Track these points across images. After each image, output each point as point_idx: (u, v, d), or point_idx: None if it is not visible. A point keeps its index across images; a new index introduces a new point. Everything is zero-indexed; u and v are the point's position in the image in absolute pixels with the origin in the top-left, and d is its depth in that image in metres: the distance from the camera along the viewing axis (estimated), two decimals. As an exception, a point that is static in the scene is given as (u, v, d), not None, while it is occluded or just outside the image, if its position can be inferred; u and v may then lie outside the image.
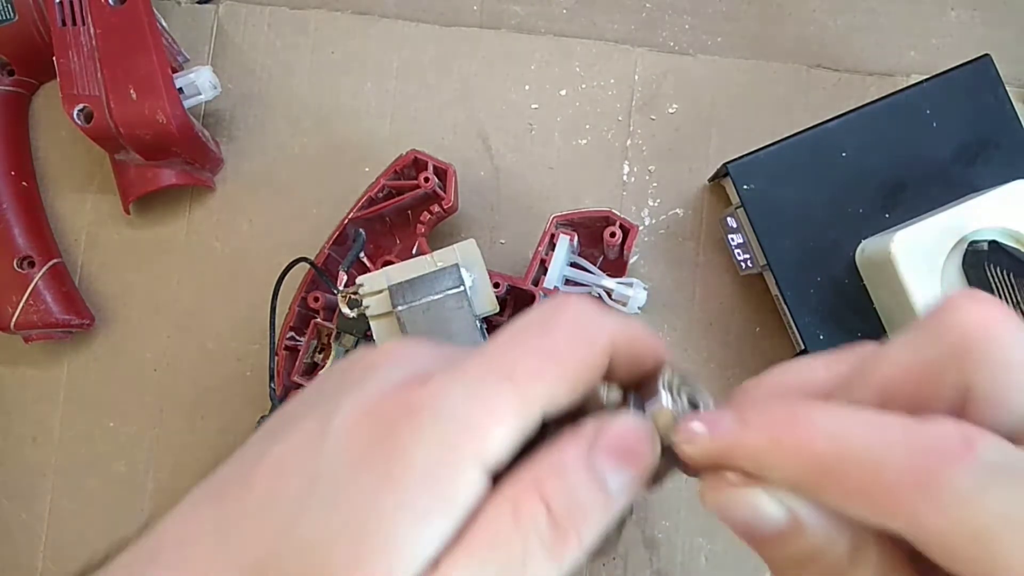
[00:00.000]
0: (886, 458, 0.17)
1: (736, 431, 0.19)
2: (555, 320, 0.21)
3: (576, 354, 0.21)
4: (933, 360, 0.18)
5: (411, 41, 0.51)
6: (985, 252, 0.36)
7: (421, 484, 0.19)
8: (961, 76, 0.43)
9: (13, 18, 0.47)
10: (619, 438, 0.21)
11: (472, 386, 0.20)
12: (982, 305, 0.18)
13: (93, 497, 0.50)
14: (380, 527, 0.18)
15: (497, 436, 0.20)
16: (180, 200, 0.51)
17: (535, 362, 0.21)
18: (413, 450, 0.19)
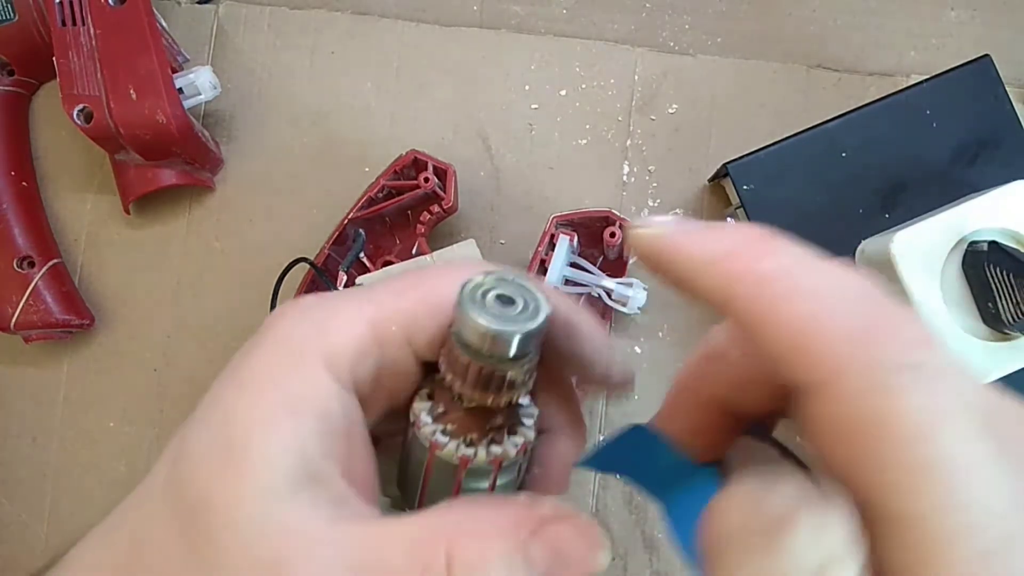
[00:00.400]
0: (833, 308, 0.16)
1: (692, 233, 0.19)
2: (427, 271, 0.22)
3: (435, 289, 0.21)
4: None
5: (411, 41, 0.51)
6: (985, 252, 0.36)
7: (265, 385, 0.19)
8: (961, 76, 0.43)
9: (13, 18, 0.47)
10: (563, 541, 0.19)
11: (324, 299, 0.21)
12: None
13: (93, 497, 0.50)
14: (237, 432, 0.19)
15: (339, 333, 0.20)
16: (180, 200, 0.51)
17: (393, 289, 0.21)
18: (258, 354, 0.20)
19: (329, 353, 0.20)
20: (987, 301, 0.36)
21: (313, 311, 0.21)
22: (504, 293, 0.21)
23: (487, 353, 0.20)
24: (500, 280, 0.21)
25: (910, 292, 0.37)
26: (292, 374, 0.20)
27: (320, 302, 0.21)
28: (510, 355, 0.20)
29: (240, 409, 0.19)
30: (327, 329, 0.20)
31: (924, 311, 0.37)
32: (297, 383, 0.19)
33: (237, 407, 0.19)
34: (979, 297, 0.37)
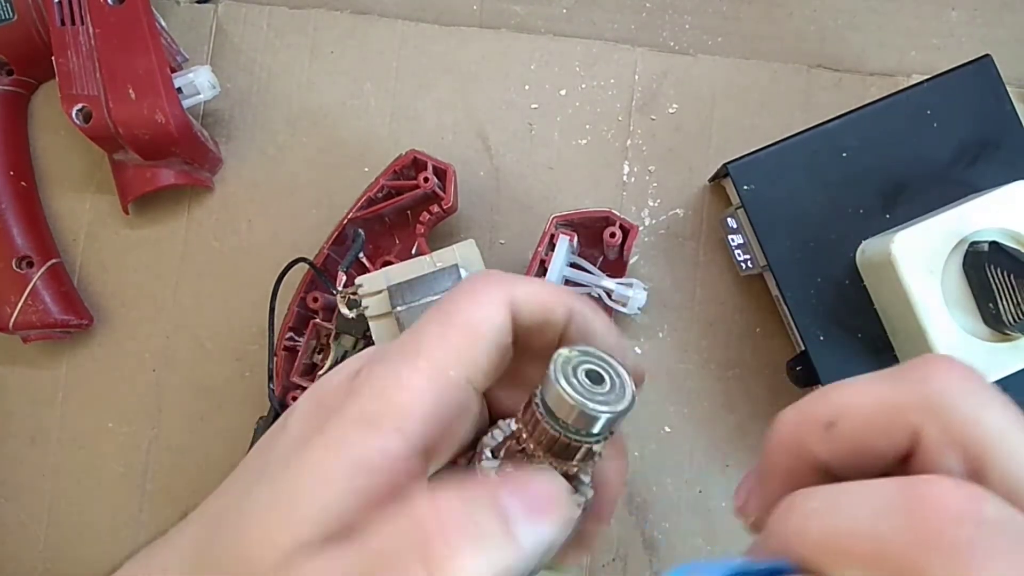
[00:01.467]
0: (885, 525, 0.17)
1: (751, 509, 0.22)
2: (451, 295, 0.23)
3: (472, 315, 0.22)
4: (901, 403, 0.20)
5: (411, 41, 0.51)
6: (985, 253, 0.36)
7: (330, 451, 0.21)
8: (961, 76, 0.43)
9: (12, 18, 0.47)
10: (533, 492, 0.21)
11: (387, 364, 0.22)
12: (951, 363, 0.20)
13: (92, 497, 0.50)
14: (289, 491, 0.20)
15: (407, 403, 0.21)
16: (179, 200, 0.51)
17: (436, 330, 0.22)
18: (333, 424, 0.21)
19: (402, 424, 0.21)
20: (988, 302, 0.36)
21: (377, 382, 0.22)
22: (594, 369, 0.22)
23: (574, 428, 0.21)
24: (587, 354, 0.22)
25: (910, 292, 0.37)
26: (360, 441, 0.21)
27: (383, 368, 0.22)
28: (595, 431, 0.21)
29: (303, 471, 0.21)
30: (394, 400, 0.21)
31: (924, 312, 0.37)
32: (361, 451, 0.21)
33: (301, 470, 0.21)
34: (980, 298, 0.37)
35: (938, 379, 0.20)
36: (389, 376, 0.22)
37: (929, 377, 0.20)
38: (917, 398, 0.19)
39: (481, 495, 0.20)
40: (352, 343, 0.44)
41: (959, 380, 0.19)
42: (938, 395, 0.19)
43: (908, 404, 0.19)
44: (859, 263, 0.42)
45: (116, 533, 0.49)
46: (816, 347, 0.43)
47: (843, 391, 0.21)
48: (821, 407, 0.21)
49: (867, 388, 0.20)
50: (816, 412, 0.21)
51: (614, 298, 0.46)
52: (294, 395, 0.45)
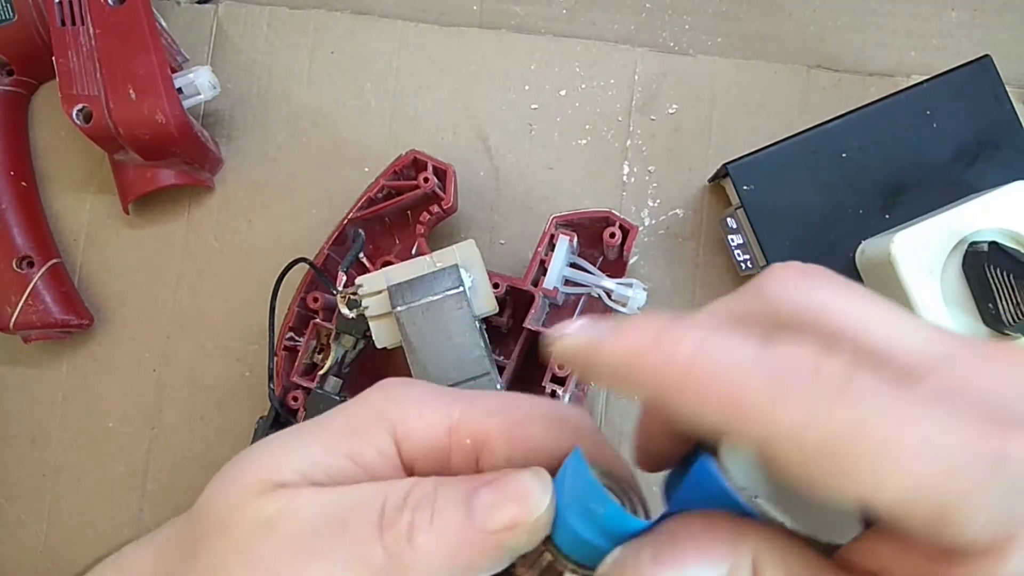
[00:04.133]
0: (746, 374, 0.17)
1: (605, 337, 0.19)
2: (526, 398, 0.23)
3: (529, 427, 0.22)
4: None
5: (411, 41, 0.51)
6: (985, 253, 0.36)
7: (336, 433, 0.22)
8: (961, 76, 0.43)
9: (12, 18, 0.47)
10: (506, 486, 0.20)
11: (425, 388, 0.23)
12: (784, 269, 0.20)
13: (93, 497, 0.50)
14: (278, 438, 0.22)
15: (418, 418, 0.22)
16: (179, 200, 0.51)
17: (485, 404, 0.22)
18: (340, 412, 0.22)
19: (402, 432, 0.21)
20: (987, 302, 0.36)
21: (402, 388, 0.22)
22: (606, 484, 0.21)
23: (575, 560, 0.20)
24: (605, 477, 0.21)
25: (910, 293, 0.37)
26: (361, 432, 0.21)
27: (412, 386, 0.23)
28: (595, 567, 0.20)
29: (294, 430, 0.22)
30: (408, 411, 0.22)
31: (924, 312, 0.37)
32: (362, 441, 0.21)
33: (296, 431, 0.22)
34: (979, 298, 0.37)
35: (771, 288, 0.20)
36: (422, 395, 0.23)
37: (764, 288, 0.20)
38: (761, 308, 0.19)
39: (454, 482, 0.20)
40: (352, 343, 0.44)
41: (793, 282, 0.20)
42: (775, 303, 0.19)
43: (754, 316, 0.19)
44: (859, 263, 0.42)
45: (116, 533, 0.49)
46: (816, 347, 0.43)
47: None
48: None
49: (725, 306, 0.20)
50: None
51: (614, 298, 0.46)
52: (294, 395, 0.45)
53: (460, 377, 0.39)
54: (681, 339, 0.18)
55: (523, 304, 0.44)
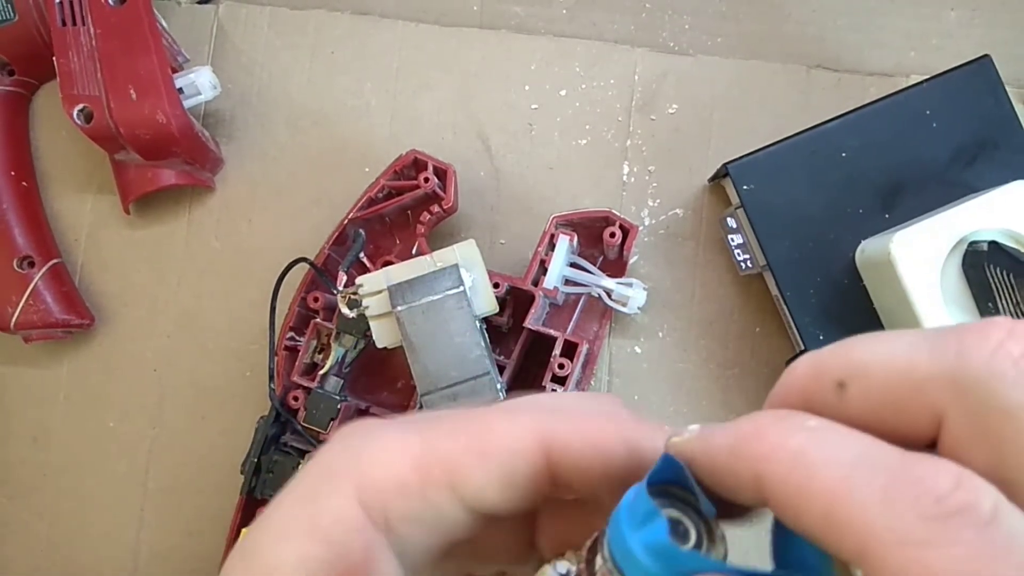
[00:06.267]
0: (861, 476, 0.15)
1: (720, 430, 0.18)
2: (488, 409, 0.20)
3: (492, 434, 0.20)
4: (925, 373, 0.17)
5: (411, 41, 0.51)
6: (985, 253, 0.36)
7: (293, 506, 0.20)
8: (961, 76, 0.43)
9: (13, 18, 0.47)
10: None
11: (373, 427, 0.20)
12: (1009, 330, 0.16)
13: (93, 497, 0.50)
14: (253, 547, 0.20)
15: (377, 465, 0.19)
16: (180, 200, 0.51)
17: (448, 425, 0.20)
18: (299, 478, 0.20)
19: (362, 485, 0.20)
20: (987, 301, 0.36)
21: (355, 438, 0.21)
22: (676, 517, 0.18)
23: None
24: (669, 496, 0.18)
25: (910, 292, 0.37)
26: (316, 500, 0.20)
27: (367, 430, 0.21)
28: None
29: (264, 526, 0.20)
30: (364, 459, 0.20)
31: (923, 311, 0.37)
32: (318, 509, 0.20)
33: (263, 524, 0.20)
34: (979, 297, 0.37)
35: (979, 350, 0.15)
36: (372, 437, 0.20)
37: (970, 346, 0.15)
38: (944, 370, 0.15)
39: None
40: (353, 343, 0.44)
41: (1005, 356, 0.15)
42: (972, 371, 0.15)
43: (933, 376, 0.15)
44: (858, 263, 0.42)
45: (118, 532, 0.49)
46: (815, 347, 0.43)
47: (868, 346, 0.17)
48: (838, 361, 0.17)
49: (896, 347, 0.16)
50: (831, 366, 0.17)
51: (614, 298, 0.46)
52: (295, 394, 0.45)
53: (460, 377, 0.39)
54: (796, 429, 0.16)
55: (523, 304, 0.44)
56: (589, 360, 0.48)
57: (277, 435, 0.45)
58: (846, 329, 0.43)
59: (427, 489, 0.20)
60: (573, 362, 0.43)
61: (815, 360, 0.18)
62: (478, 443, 0.20)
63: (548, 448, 0.19)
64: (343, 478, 0.20)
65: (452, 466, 0.19)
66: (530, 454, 0.19)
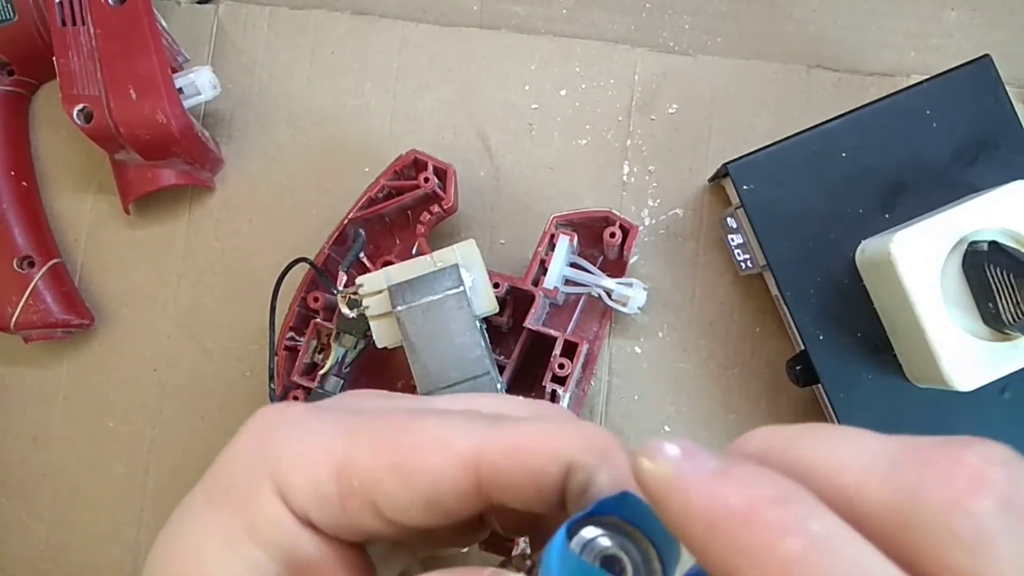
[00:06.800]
0: None
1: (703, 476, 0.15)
2: (419, 416, 0.19)
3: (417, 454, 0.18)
4: None
5: (411, 41, 0.51)
6: (985, 252, 0.36)
7: (224, 509, 0.20)
8: (961, 76, 0.43)
9: (13, 18, 0.47)
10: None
11: (302, 422, 0.20)
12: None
13: (93, 497, 0.50)
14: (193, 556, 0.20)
15: (297, 469, 0.19)
16: (180, 200, 0.51)
17: (374, 432, 0.19)
18: (216, 474, 0.20)
19: (282, 488, 0.19)
20: (987, 301, 0.36)
21: (276, 431, 0.20)
22: (612, 553, 0.17)
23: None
24: (606, 526, 0.17)
25: (910, 292, 0.37)
26: (248, 502, 0.19)
27: (288, 421, 0.20)
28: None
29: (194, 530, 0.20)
30: (284, 460, 0.19)
31: (923, 311, 0.37)
32: (254, 512, 0.19)
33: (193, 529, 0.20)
34: (979, 297, 0.37)
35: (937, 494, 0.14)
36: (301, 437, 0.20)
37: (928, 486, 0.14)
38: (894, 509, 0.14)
39: None
40: (353, 343, 0.44)
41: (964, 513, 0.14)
42: (924, 522, 0.14)
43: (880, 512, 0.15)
44: (858, 263, 0.42)
45: (117, 532, 0.49)
46: (815, 347, 0.43)
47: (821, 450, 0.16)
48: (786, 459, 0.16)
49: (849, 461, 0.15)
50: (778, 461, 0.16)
51: (614, 298, 0.46)
52: (295, 395, 0.45)
53: (460, 377, 0.39)
54: (794, 527, 0.14)
55: (523, 304, 0.44)
56: (589, 360, 0.48)
57: (277, 435, 0.45)
58: (846, 329, 0.43)
59: (347, 501, 0.19)
60: (573, 362, 0.43)
61: (766, 442, 0.17)
62: (402, 462, 0.18)
63: (476, 471, 0.18)
64: (267, 478, 0.19)
65: (372, 483, 0.18)
66: (457, 479, 0.18)
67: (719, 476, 0.15)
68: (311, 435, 0.19)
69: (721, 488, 0.14)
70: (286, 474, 0.19)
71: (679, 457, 0.15)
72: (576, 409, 0.47)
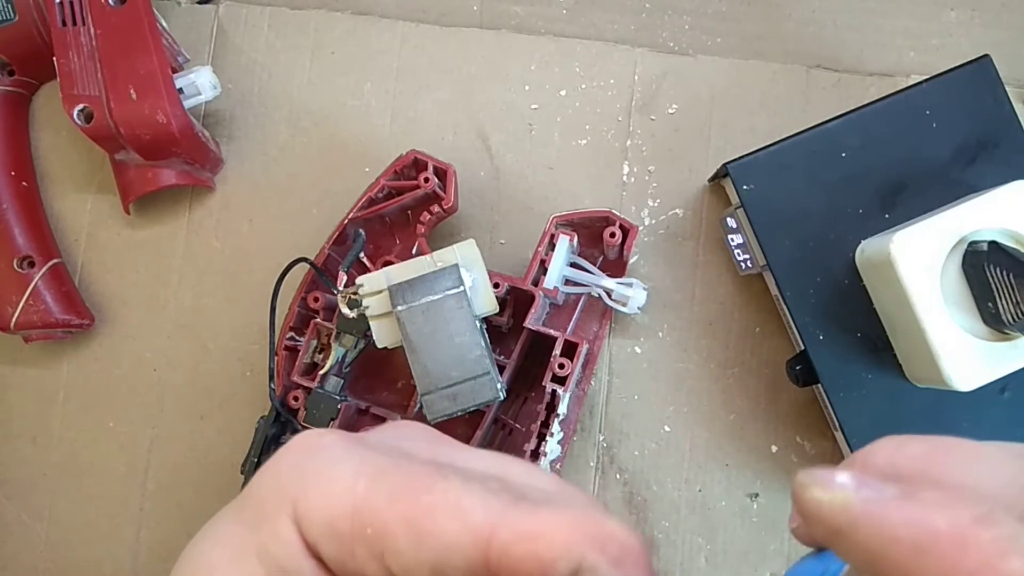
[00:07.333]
0: None
1: (886, 507, 0.15)
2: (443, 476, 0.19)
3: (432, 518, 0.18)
4: None
5: (411, 41, 0.51)
6: (985, 252, 0.36)
7: (243, 526, 0.20)
8: (961, 76, 0.43)
9: (13, 18, 0.47)
10: None
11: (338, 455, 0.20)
12: None
13: (93, 497, 0.50)
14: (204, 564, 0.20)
15: (318, 505, 0.19)
16: (180, 200, 0.51)
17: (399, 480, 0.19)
18: (252, 491, 0.20)
19: (301, 514, 0.19)
20: (987, 301, 0.36)
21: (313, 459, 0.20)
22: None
23: None
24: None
25: (910, 292, 0.37)
26: (265, 523, 0.19)
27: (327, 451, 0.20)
28: None
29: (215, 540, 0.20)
30: (311, 488, 0.19)
31: (923, 311, 0.37)
32: (267, 534, 0.19)
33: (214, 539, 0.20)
34: (979, 297, 0.37)
35: None
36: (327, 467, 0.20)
37: None
38: None
39: None
40: (353, 343, 0.44)
41: None
42: None
43: None
44: (858, 263, 0.42)
45: (117, 532, 0.49)
46: (815, 347, 0.43)
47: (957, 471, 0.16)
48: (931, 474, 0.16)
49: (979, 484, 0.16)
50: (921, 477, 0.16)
51: (614, 298, 0.46)
52: (295, 395, 0.45)
53: (460, 377, 0.39)
54: (1011, 547, 0.13)
55: (523, 304, 0.44)
56: (589, 360, 0.48)
57: (277, 435, 0.45)
58: (846, 329, 0.43)
59: (356, 545, 0.19)
60: (573, 362, 0.43)
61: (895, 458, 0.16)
62: (417, 520, 0.18)
63: (488, 547, 0.18)
64: (289, 502, 0.19)
65: (384, 534, 0.18)
66: (467, 549, 0.18)
67: (910, 500, 0.15)
68: (340, 467, 0.19)
69: (921, 511, 0.14)
70: (306, 503, 0.19)
71: (855, 485, 0.15)
72: (576, 409, 0.47)
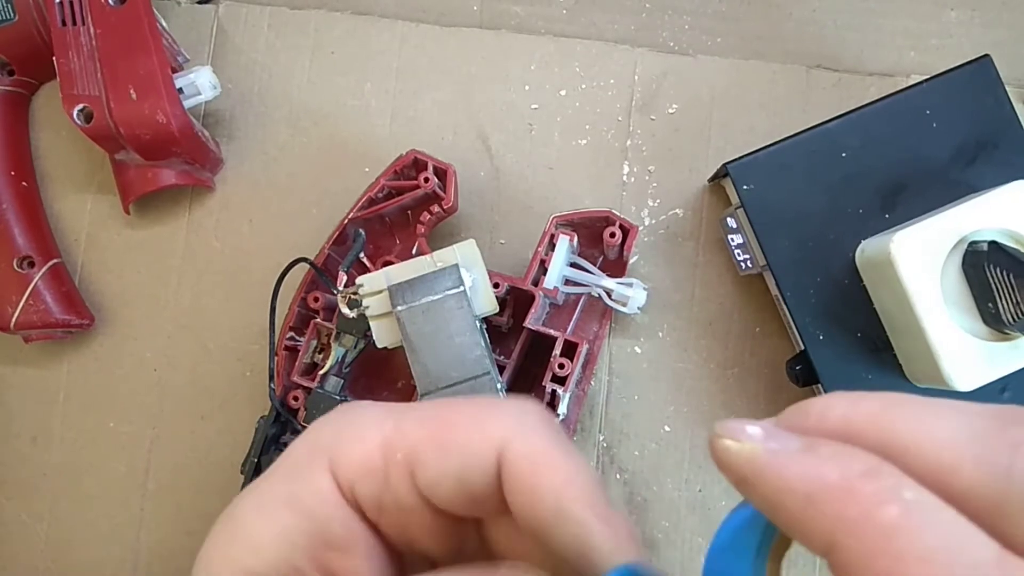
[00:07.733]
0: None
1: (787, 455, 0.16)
2: (457, 403, 0.21)
3: (454, 430, 0.20)
4: None
5: (411, 41, 0.51)
6: (985, 252, 0.36)
7: (279, 480, 0.21)
8: (961, 76, 0.43)
9: (13, 18, 0.47)
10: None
11: (366, 409, 0.21)
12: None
13: (93, 497, 0.50)
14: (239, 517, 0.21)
15: (351, 443, 0.20)
16: (180, 200, 0.51)
17: (421, 413, 0.21)
18: (289, 451, 0.21)
19: (336, 462, 0.20)
20: (987, 301, 0.36)
21: (345, 416, 0.22)
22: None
23: None
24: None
25: (910, 292, 0.37)
26: (299, 475, 0.21)
27: (357, 410, 0.22)
28: None
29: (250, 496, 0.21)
30: (344, 438, 0.21)
31: (923, 311, 0.37)
32: (300, 483, 0.21)
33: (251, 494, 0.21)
34: (979, 297, 0.37)
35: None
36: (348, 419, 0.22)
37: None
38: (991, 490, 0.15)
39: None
40: (353, 343, 0.44)
41: None
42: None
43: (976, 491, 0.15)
44: (858, 263, 0.42)
45: (117, 532, 0.49)
46: (815, 347, 0.43)
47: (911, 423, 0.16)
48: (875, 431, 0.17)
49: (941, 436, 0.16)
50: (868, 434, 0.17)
51: (614, 298, 0.46)
52: (295, 395, 0.45)
53: (460, 377, 0.39)
54: (890, 497, 0.15)
55: (523, 304, 0.44)
56: (589, 360, 0.48)
57: (277, 435, 0.45)
58: (846, 329, 0.43)
59: (389, 471, 0.20)
60: (573, 362, 0.43)
61: (850, 414, 0.17)
62: (440, 435, 0.20)
63: (502, 456, 0.20)
64: (325, 455, 0.21)
65: (413, 453, 0.20)
66: (485, 458, 0.20)
67: (808, 453, 0.16)
68: (369, 416, 0.21)
69: (815, 464, 0.16)
70: (340, 448, 0.21)
71: (763, 437, 0.16)
72: (576, 409, 0.47)
